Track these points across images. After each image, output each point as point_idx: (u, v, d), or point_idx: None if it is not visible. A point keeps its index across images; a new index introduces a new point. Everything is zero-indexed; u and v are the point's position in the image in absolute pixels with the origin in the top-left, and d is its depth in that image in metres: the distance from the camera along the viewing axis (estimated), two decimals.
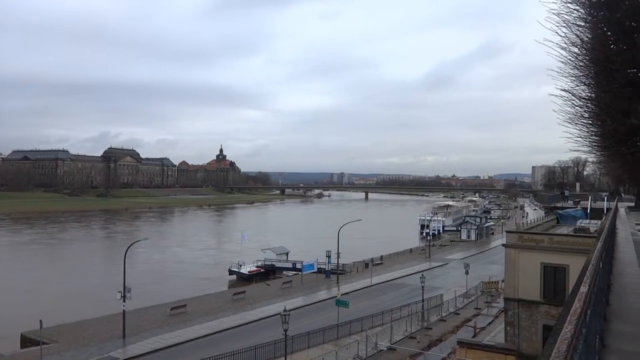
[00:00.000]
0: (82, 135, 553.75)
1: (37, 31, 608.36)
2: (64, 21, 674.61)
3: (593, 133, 13.69)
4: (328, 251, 61.55)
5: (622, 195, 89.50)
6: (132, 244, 43.44)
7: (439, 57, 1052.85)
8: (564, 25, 9.74)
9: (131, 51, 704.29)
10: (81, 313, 44.49)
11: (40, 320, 31.04)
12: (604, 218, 29.57)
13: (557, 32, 9.91)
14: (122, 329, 36.32)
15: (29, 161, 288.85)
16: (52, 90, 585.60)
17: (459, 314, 45.25)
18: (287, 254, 72.05)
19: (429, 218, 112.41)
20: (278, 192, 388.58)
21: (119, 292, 36.41)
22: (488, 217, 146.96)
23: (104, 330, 37.96)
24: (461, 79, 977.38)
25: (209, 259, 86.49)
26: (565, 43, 10.17)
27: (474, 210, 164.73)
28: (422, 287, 44.16)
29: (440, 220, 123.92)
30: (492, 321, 40.80)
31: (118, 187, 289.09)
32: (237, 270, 67.22)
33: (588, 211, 43.50)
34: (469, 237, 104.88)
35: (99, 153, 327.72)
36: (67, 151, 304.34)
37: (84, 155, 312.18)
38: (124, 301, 36.16)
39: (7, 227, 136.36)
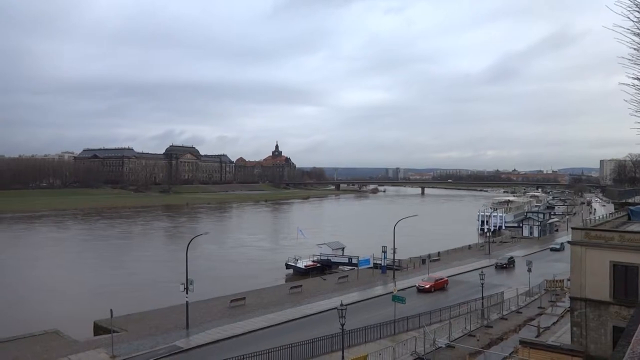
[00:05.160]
0: (148, 134, 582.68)
1: (108, 36, 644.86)
2: (131, 26, 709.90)
3: None
4: (384, 246, 61.24)
5: None
6: (193, 238, 45.03)
7: (504, 49, 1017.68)
8: (637, 9, 9.19)
9: (195, 52, 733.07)
10: (147, 303, 46.84)
11: (111, 310, 32.94)
12: None
13: (628, 17, 9.38)
14: (186, 320, 37.87)
15: (98, 159, 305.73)
16: (121, 92, 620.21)
17: (521, 312, 43.72)
18: (342, 249, 72.28)
19: (488, 214, 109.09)
20: (333, 187, 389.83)
21: (181, 284, 37.91)
22: (552, 213, 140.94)
23: (168, 320, 39.71)
24: (525, 71, 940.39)
25: (265, 253, 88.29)
26: (638, 28, 9.60)
27: (536, 206, 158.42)
28: (482, 284, 43.01)
29: (500, 216, 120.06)
30: (557, 321, 39.12)
31: (179, 183, 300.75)
32: (293, 264, 68.26)
33: None
34: (531, 233, 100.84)
35: (163, 151, 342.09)
36: (132, 149, 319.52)
37: (148, 153, 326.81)
38: (187, 293, 37.61)
39: (78, 221, 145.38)
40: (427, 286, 50.75)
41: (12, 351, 32.32)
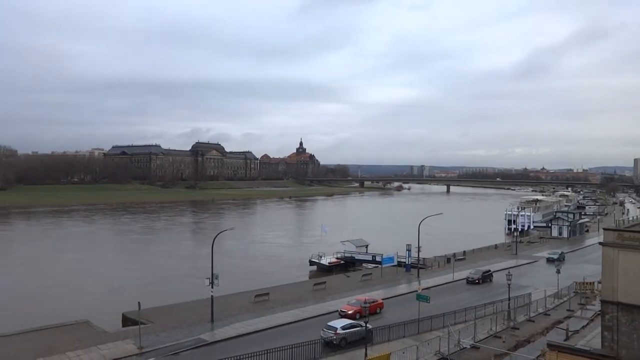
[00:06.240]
0: (175, 131, 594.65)
1: (138, 36, 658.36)
2: (161, 25, 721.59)
3: None
4: (408, 245, 60.84)
5: None
6: (219, 233, 45.56)
7: (533, 44, 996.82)
8: None
9: (222, 51, 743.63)
10: (173, 297, 47.68)
11: (139, 302, 33.60)
12: None
13: None
14: (211, 314, 38.39)
15: (127, 155, 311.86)
16: (150, 90, 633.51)
17: (549, 315, 42.83)
18: (366, 246, 72.12)
19: (515, 213, 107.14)
20: (357, 184, 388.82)
21: (207, 278, 38.41)
22: (582, 213, 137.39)
23: (194, 313, 40.31)
24: (555, 67, 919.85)
25: (289, 250, 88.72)
26: None
27: (566, 206, 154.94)
28: (509, 284, 42.22)
29: (528, 215, 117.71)
30: (587, 324, 38.15)
31: (205, 179, 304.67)
32: (317, 261, 68.40)
33: None
34: (560, 234, 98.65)
35: (189, 148, 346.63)
36: (159, 146, 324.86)
37: (174, 150, 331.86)
38: (212, 287, 38.10)
39: (105, 216, 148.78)
40: (349, 312, 39.39)
41: (45, 339, 33.33)
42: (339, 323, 34.40)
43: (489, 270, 57.79)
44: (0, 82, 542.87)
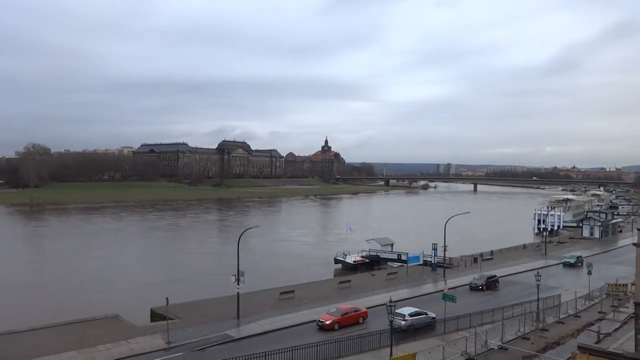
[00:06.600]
0: (202, 129, 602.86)
1: (170, 37, 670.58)
2: (190, 26, 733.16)
3: None
4: (434, 244, 60.24)
5: None
6: (244, 231, 45.94)
7: (564, 40, 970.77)
8: None
9: (249, 50, 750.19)
10: (199, 293, 48.39)
11: (167, 298, 34.27)
12: None
13: None
14: (237, 310, 38.79)
15: (155, 154, 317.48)
16: (179, 89, 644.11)
17: (579, 316, 41.78)
18: (391, 245, 71.74)
19: (545, 212, 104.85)
20: (382, 182, 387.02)
21: (233, 275, 38.79)
22: (615, 213, 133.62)
23: (220, 310, 40.80)
24: (589, 62, 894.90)
25: (314, 248, 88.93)
26: None
27: (598, 205, 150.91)
28: (538, 285, 41.35)
29: (558, 215, 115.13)
30: (620, 327, 37.04)
31: (231, 177, 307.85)
32: (342, 259, 68.37)
33: None
34: (591, 234, 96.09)
35: (215, 146, 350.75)
36: (187, 144, 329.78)
37: (201, 148, 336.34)
38: (238, 284, 38.48)
39: (132, 213, 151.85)
40: (327, 322, 36.19)
41: (76, 333, 34.26)
42: (406, 310, 36.73)
43: (495, 276, 53.25)
44: (34, 82, 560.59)
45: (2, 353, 30.27)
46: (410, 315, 35.85)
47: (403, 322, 34.95)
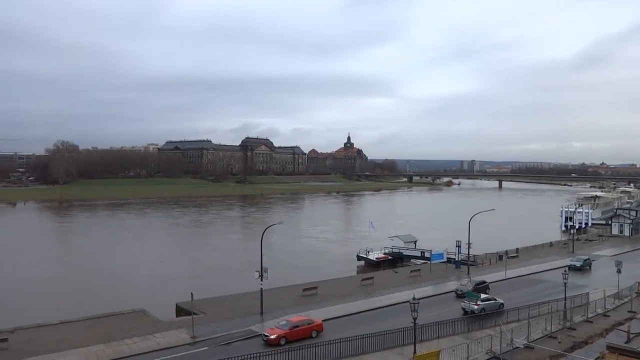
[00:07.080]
0: (226, 126, 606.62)
1: (193, 35, 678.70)
2: (214, 23, 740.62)
3: None
4: (458, 241, 59.50)
5: None
6: (267, 227, 46.24)
7: (593, 34, 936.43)
8: None
9: (271, 47, 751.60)
10: (223, 288, 48.96)
11: (192, 293, 34.76)
12: None
13: None
14: (260, 306, 39.10)
15: (179, 151, 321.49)
16: (203, 87, 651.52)
17: (608, 316, 40.82)
18: (415, 242, 71.24)
19: (573, 209, 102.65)
20: (405, 179, 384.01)
21: (256, 271, 39.09)
22: None
23: (243, 305, 41.21)
24: (620, 56, 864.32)
25: (337, 245, 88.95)
26: None
27: (628, 203, 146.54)
28: (565, 284, 40.53)
29: (586, 212, 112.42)
30: None
31: (254, 174, 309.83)
32: (365, 256, 68.23)
33: None
34: (621, 232, 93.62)
35: (239, 143, 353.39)
36: (210, 141, 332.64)
37: (225, 145, 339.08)
38: (262, 280, 38.77)
39: (156, 209, 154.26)
40: (272, 336, 32.04)
41: (104, 327, 35.12)
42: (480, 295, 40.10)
43: (485, 282, 48.70)
44: (63, 82, 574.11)
45: (35, 344, 31.22)
46: (482, 300, 38.58)
47: (475, 307, 37.48)
